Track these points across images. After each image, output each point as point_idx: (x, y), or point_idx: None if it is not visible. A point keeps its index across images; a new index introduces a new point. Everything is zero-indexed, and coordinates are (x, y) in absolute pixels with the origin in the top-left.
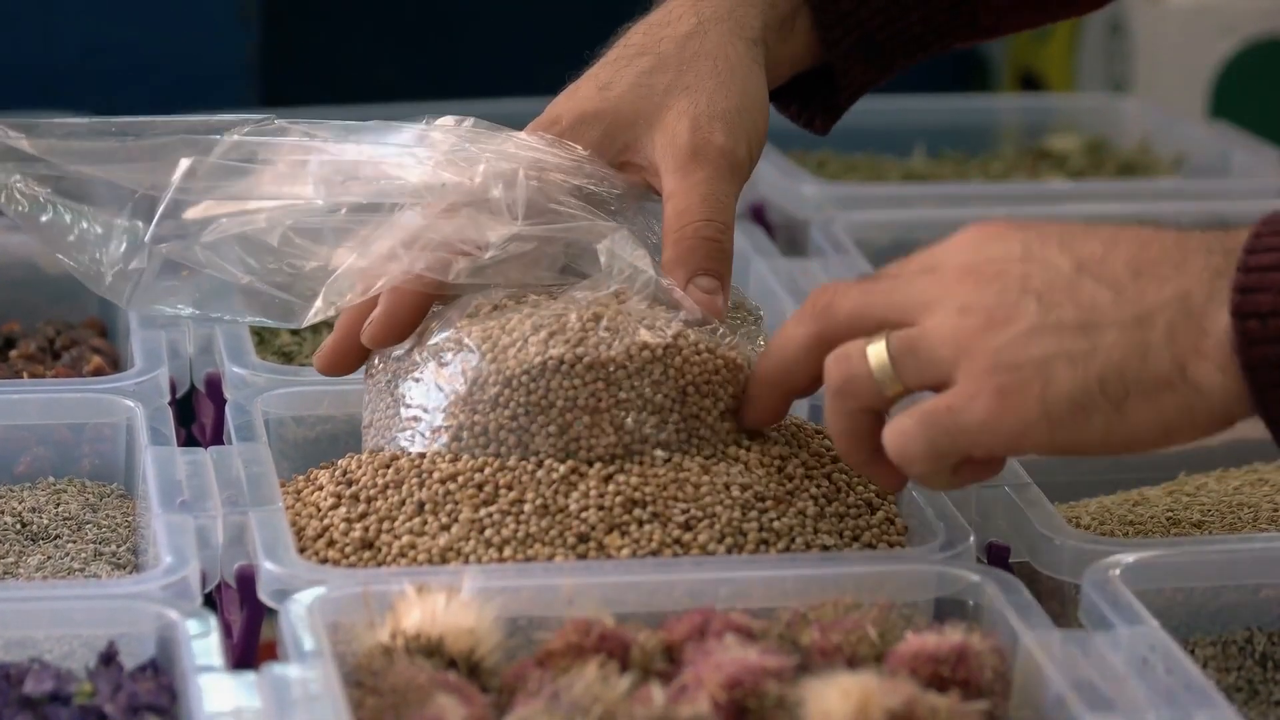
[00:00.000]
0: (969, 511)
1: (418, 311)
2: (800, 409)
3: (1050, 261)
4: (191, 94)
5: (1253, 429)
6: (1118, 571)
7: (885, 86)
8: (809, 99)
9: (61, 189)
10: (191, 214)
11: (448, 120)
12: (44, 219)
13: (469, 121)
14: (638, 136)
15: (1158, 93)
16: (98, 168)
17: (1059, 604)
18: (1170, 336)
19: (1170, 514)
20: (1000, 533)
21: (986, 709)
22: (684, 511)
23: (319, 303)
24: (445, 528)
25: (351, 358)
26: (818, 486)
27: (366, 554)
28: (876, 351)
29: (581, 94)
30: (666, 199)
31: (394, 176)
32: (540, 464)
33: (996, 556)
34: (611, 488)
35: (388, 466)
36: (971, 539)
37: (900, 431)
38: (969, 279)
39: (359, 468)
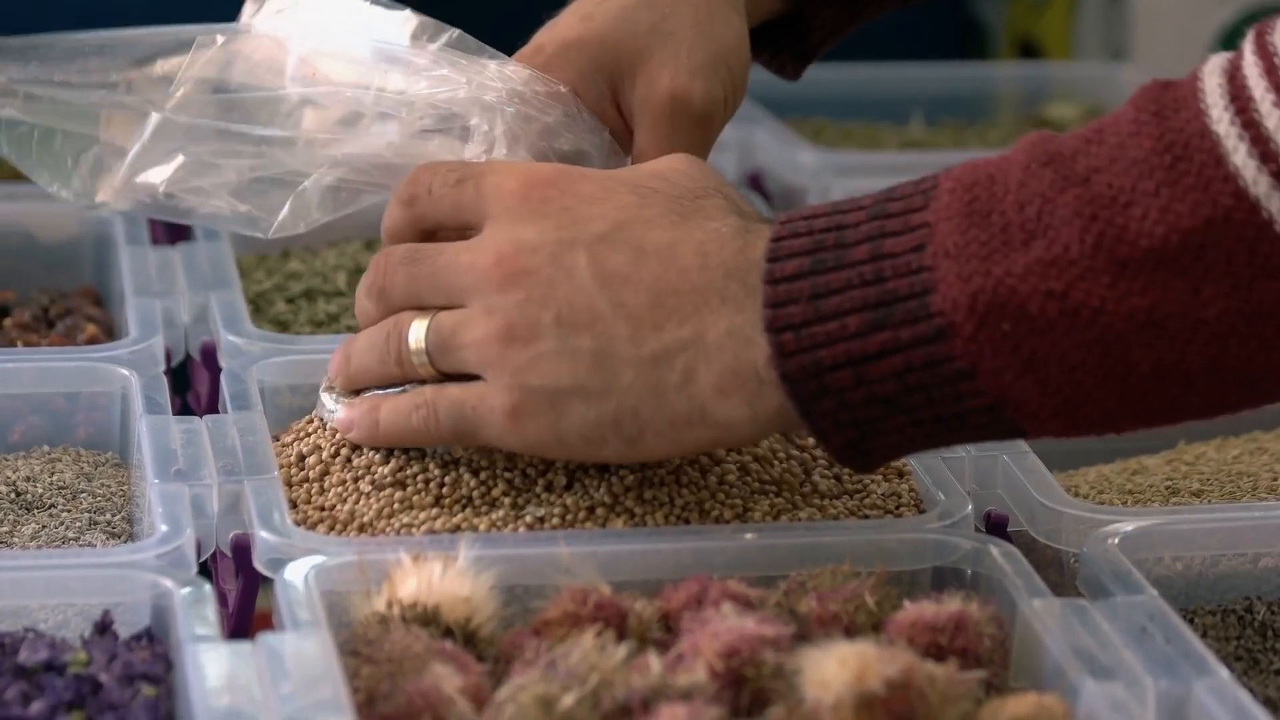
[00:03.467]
0: (966, 480)
1: None
2: None
3: (576, 273)
4: None
5: None
6: (1116, 541)
7: (883, 54)
8: (780, 45)
9: (31, 109)
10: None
11: (427, 23)
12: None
13: (450, 35)
14: (621, 76)
15: (1156, 61)
16: (70, 92)
17: (1057, 573)
18: (688, 378)
19: (1169, 483)
20: (999, 502)
21: (985, 678)
22: (692, 493)
23: (285, 214)
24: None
25: None
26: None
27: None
28: (416, 336)
29: (563, 24)
30: (637, 154)
31: (369, 87)
32: (544, 471)
33: (995, 525)
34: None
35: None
36: (969, 508)
37: (430, 406)
38: (498, 271)
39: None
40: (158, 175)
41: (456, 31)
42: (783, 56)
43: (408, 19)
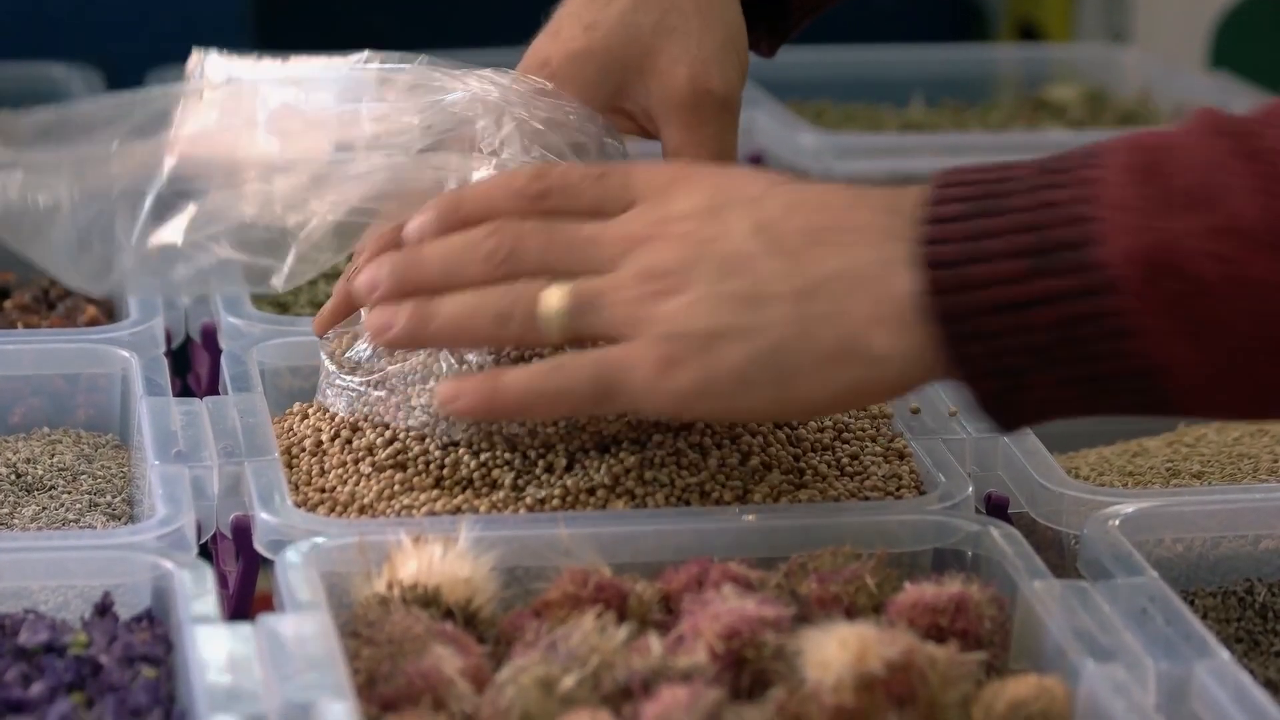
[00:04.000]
0: (967, 462)
1: None
2: None
3: (729, 227)
4: (186, 44)
5: None
6: (1117, 522)
7: (884, 36)
8: (757, 23)
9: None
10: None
11: (391, 55)
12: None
13: (420, 59)
14: (629, 81)
15: (1157, 43)
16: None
17: (1058, 555)
18: (839, 309)
19: (1170, 465)
20: (999, 483)
21: (985, 659)
22: (693, 475)
23: (291, 262)
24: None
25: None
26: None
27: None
28: (557, 297)
29: (566, 35)
30: (672, 153)
31: (355, 119)
32: (544, 453)
33: (995, 507)
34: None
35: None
36: (970, 489)
37: (568, 368)
38: (650, 236)
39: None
40: (172, 231)
41: (423, 56)
42: (758, 34)
43: (369, 56)
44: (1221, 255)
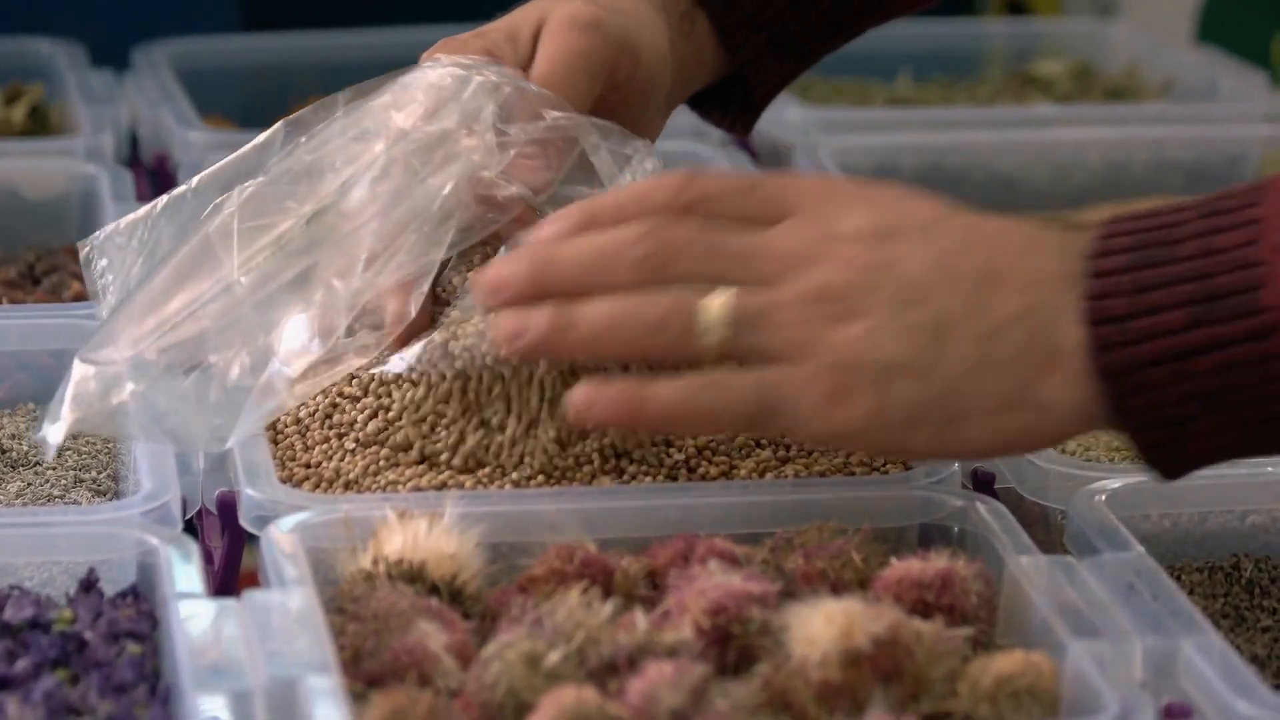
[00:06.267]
0: None
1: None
2: None
3: (908, 251)
4: (176, 18)
5: None
6: (1104, 497)
7: None
8: (728, 102)
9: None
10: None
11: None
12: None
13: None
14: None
15: (1145, 17)
16: None
17: (1045, 530)
18: (1017, 354)
19: None
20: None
21: (971, 635)
22: (679, 450)
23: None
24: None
25: None
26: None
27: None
28: (719, 308)
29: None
30: (535, 72)
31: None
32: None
33: (982, 483)
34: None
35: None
36: (956, 465)
37: (725, 386)
38: (819, 254)
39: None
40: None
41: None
42: (732, 114)
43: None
44: None
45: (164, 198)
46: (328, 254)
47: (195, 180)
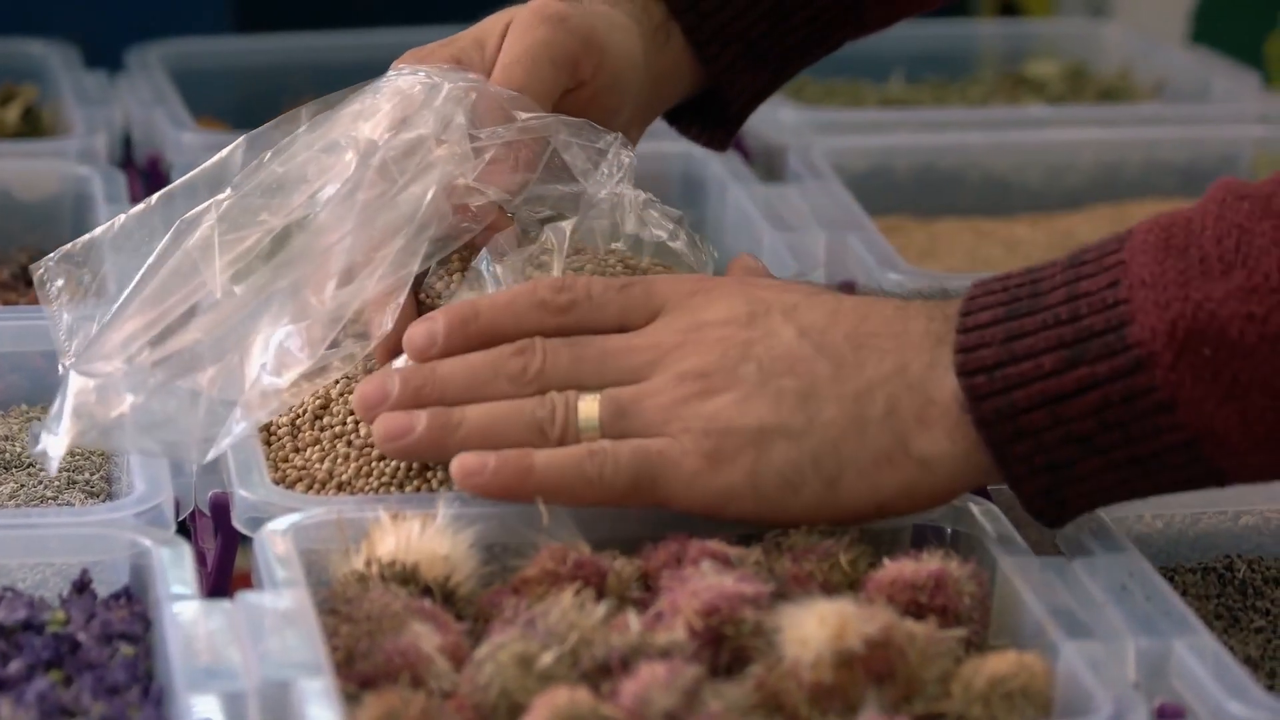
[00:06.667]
0: None
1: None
2: None
3: (773, 329)
4: (169, 20)
5: None
6: None
7: None
8: (706, 117)
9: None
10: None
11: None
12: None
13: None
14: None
15: (1138, 18)
16: None
17: (1037, 531)
18: (890, 411)
19: None
20: None
21: (964, 636)
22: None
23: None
24: None
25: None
26: None
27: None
28: (587, 407)
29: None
30: (501, 60)
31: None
32: None
33: None
34: None
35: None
36: None
37: (608, 454)
38: (687, 343)
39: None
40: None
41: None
42: (711, 129)
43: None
44: (1252, 314)
45: (121, 217)
46: (312, 266)
47: (155, 197)
